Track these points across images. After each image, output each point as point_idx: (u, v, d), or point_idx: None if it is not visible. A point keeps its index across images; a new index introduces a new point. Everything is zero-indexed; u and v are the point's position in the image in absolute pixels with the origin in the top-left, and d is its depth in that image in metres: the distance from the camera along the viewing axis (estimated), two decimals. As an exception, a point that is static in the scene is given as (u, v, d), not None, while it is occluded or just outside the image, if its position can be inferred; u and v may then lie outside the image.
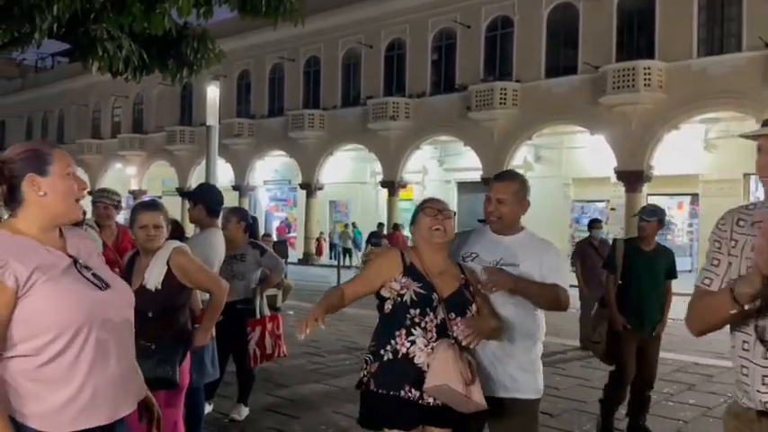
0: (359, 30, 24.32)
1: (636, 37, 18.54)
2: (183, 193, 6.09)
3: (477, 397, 2.38)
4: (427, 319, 2.43)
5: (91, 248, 1.87)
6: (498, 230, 2.78)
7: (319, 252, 25.63)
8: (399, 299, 2.46)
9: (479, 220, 8.85)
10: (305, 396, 5.41)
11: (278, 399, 5.34)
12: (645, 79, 17.37)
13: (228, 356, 4.74)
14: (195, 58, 9.02)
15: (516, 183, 2.77)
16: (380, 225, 19.91)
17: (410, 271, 2.51)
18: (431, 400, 2.38)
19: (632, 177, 18.09)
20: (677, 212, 22.54)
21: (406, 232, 21.51)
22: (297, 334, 2.44)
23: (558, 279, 2.69)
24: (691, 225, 22.11)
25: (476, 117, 20.56)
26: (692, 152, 18.39)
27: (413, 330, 2.42)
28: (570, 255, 21.70)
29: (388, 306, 2.50)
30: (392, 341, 2.44)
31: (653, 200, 21.32)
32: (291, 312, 10.62)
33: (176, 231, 4.10)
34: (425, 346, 2.40)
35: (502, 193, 2.72)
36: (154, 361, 2.94)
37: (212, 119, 8.13)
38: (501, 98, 20.10)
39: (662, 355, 7.68)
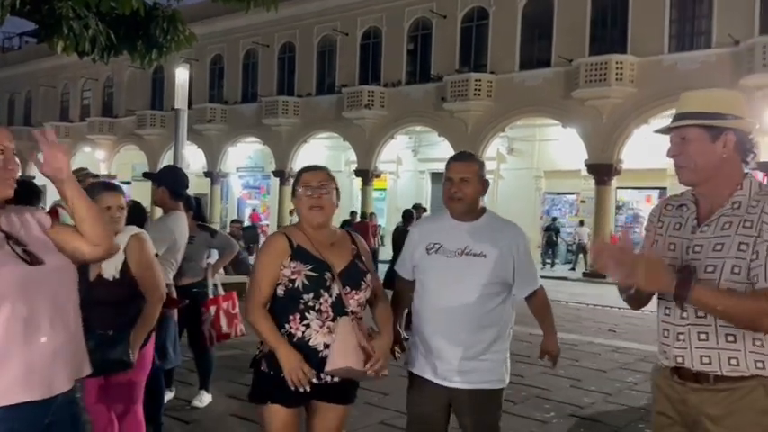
0: (335, 17, 24.14)
1: (609, 31, 18.72)
2: (145, 174, 5.88)
3: (379, 349, 2.47)
4: (321, 300, 2.39)
5: (30, 223, 1.83)
6: (459, 215, 2.68)
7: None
8: (291, 284, 2.40)
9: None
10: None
11: (242, 385, 5.28)
12: (617, 73, 17.56)
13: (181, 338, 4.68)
14: (165, 39, 8.84)
15: (477, 163, 2.71)
16: (353, 213, 19.82)
17: (298, 253, 2.42)
18: (327, 378, 2.40)
19: (602, 170, 18.32)
20: (645, 206, 22.90)
21: (381, 221, 21.51)
22: (300, 386, 2.34)
23: (533, 279, 2.72)
24: (659, 219, 22.46)
25: (450, 108, 20.60)
26: (662, 147, 18.45)
27: (307, 314, 2.40)
28: (540, 245, 22.00)
29: (279, 290, 2.43)
30: (286, 325, 2.41)
31: (622, 193, 21.66)
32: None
33: (141, 214, 4.02)
34: (321, 326, 2.39)
35: (465, 172, 2.63)
36: (110, 347, 2.87)
37: (181, 102, 7.99)
38: (475, 89, 20.15)
39: (626, 345, 7.88)
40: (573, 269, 19.90)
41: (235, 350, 6.44)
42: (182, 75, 7.90)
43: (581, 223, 20.79)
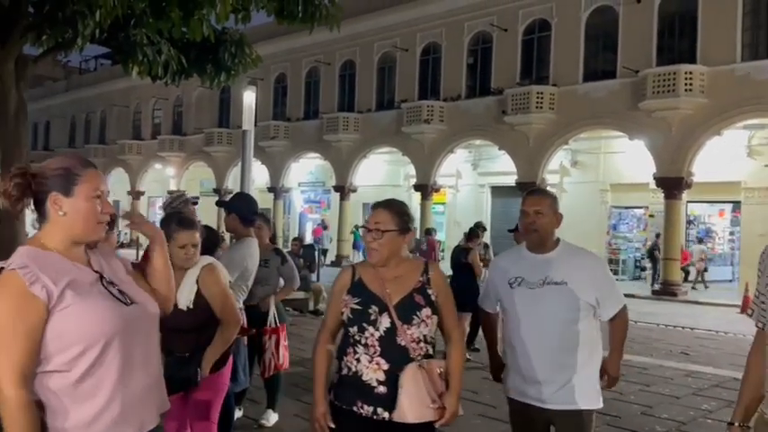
0: (394, 34, 24.34)
1: (677, 40, 18.14)
2: (218, 202, 6.06)
3: (449, 406, 2.42)
4: (366, 334, 2.40)
5: (117, 265, 1.90)
6: (535, 247, 2.83)
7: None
8: (342, 317, 2.47)
9: (509, 230, 8.70)
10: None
11: (307, 405, 5.34)
12: (686, 84, 16.98)
13: (254, 361, 4.78)
14: (233, 62, 9.14)
15: (549, 197, 2.89)
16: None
17: (355, 287, 2.48)
18: (385, 414, 2.36)
19: (672, 184, 17.69)
20: (718, 220, 21.98)
21: (441, 236, 21.41)
22: None
23: (616, 301, 2.80)
24: (732, 233, 21.52)
25: (511, 121, 20.38)
26: (735, 159, 17.92)
27: (356, 348, 2.42)
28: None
29: (341, 323, 2.52)
30: (345, 358, 2.47)
31: (693, 207, 20.86)
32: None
33: (214, 239, 4.13)
34: (369, 362, 2.39)
35: (539, 205, 2.79)
36: (181, 365, 2.95)
37: (248, 123, 8.21)
38: (537, 102, 19.87)
39: (700, 369, 7.56)
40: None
41: (300, 368, 6.52)
42: (248, 97, 8.14)
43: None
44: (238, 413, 4.79)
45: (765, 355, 1.89)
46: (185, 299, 3.00)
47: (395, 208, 2.52)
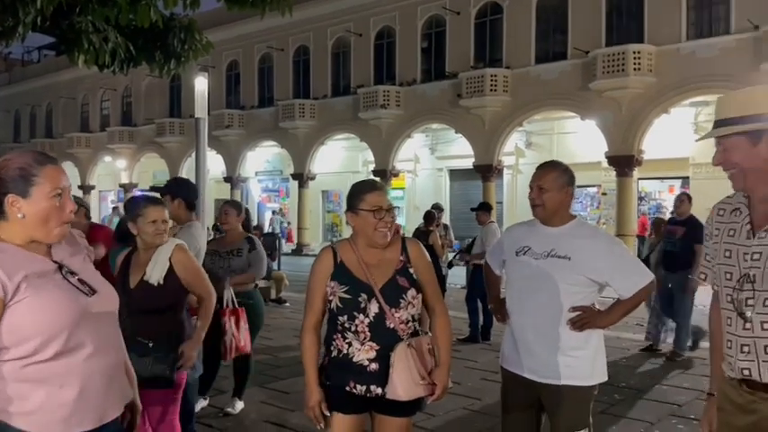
0: (348, 18, 24.16)
1: (625, 21, 18.51)
2: (155, 187, 5.65)
3: (440, 382, 2.48)
4: (357, 322, 2.43)
5: (78, 251, 1.84)
6: (545, 220, 2.80)
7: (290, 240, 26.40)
8: (330, 304, 2.48)
9: (472, 209, 8.83)
10: (300, 388, 5.40)
11: (273, 391, 5.34)
12: (634, 63, 17.37)
13: (219, 350, 4.72)
14: (182, 49, 8.92)
15: (557, 170, 2.79)
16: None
17: (338, 272, 2.48)
18: (378, 390, 2.41)
19: (623, 162, 18.14)
20: (668, 196, 22.63)
21: (400, 221, 21.50)
22: (315, 425, 2.49)
23: (636, 279, 2.69)
24: (682, 208, 22.17)
25: (466, 104, 20.53)
26: (682, 136, 18.44)
27: (345, 335, 2.46)
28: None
29: (329, 306, 2.51)
30: (334, 342, 2.50)
31: (644, 184, 21.42)
32: (288, 304, 10.63)
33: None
34: (361, 345, 2.44)
35: (542, 180, 2.76)
36: (151, 359, 2.91)
37: (201, 111, 8.00)
38: (491, 85, 20.05)
39: (655, 339, 7.79)
40: None
41: (266, 356, 6.50)
42: (200, 84, 7.93)
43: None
44: (204, 402, 4.75)
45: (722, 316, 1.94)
46: (157, 275, 3.00)
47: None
